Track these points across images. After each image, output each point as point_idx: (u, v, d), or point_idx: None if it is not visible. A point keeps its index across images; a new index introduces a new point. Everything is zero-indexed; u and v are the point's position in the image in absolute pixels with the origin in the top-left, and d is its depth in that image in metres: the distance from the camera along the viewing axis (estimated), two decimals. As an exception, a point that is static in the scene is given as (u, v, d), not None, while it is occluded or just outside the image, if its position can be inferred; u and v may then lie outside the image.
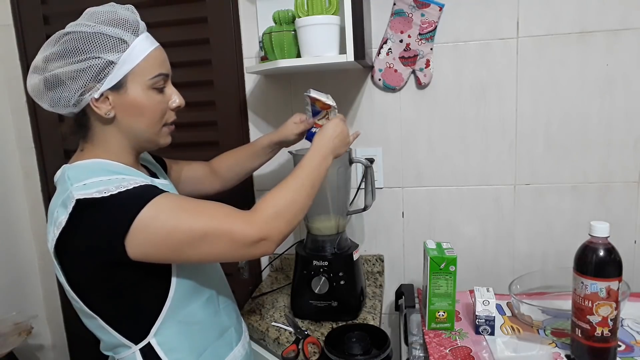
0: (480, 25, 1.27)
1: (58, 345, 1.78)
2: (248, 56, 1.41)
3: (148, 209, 0.72)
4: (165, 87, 0.84)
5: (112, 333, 0.80)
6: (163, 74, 0.82)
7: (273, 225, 0.80)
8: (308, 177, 0.88)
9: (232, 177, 1.19)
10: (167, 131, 0.87)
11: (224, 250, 0.77)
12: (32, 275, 1.72)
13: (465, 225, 1.38)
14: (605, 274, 0.85)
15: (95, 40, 0.76)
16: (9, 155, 1.63)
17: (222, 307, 0.94)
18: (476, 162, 1.34)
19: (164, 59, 0.84)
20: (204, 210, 0.77)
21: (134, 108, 0.80)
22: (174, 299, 0.81)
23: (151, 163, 1.02)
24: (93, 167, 0.80)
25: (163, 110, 0.84)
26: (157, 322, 0.81)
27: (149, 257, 0.74)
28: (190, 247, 0.75)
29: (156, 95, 0.82)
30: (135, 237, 0.71)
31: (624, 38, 1.21)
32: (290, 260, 1.49)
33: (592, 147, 1.28)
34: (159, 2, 1.40)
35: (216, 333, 0.91)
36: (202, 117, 1.46)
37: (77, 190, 0.73)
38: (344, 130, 0.98)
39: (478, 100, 1.31)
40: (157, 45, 0.82)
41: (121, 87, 0.78)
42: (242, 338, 0.98)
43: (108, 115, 0.79)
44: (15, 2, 1.52)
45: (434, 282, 1.06)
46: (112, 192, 0.72)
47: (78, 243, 0.73)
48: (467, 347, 1.00)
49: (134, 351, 0.81)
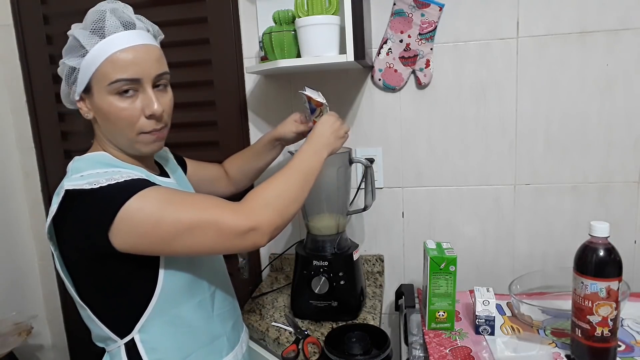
0: (480, 25, 1.27)
1: (58, 345, 1.78)
2: (248, 56, 1.41)
3: (134, 201, 0.72)
4: (140, 92, 0.78)
5: (100, 326, 0.81)
6: (124, 79, 0.76)
7: (262, 214, 0.78)
8: (299, 169, 0.87)
9: (242, 179, 1.20)
10: (147, 139, 0.81)
11: (212, 242, 0.76)
12: (32, 275, 1.72)
13: (465, 225, 1.38)
14: (605, 274, 0.85)
15: (69, 44, 0.79)
16: (9, 155, 1.63)
17: (216, 313, 0.92)
18: (476, 162, 1.34)
19: (135, 62, 0.76)
20: (191, 202, 0.77)
21: (101, 113, 0.79)
22: (162, 296, 0.80)
23: (167, 160, 1.01)
24: (95, 159, 0.81)
25: (130, 117, 0.78)
26: (142, 318, 0.80)
27: (136, 249, 0.74)
28: (177, 239, 0.74)
29: (120, 102, 0.77)
30: (120, 228, 0.71)
31: (624, 38, 1.21)
32: (290, 260, 1.49)
33: (592, 147, 1.28)
34: (159, 2, 1.40)
35: (205, 339, 0.89)
36: (202, 117, 1.46)
37: (70, 181, 0.75)
38: (337, 125, 0.97)
39: (478, 100, 1.31)
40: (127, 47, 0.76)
41: (89, 90, 0.79)
42: (235, 349, 0.95)
43: (87, 116, 0.82)
44: (15, 2, 1.52)
45: (434, 282, 1.06)
46: (101, 184, 0.73)
47: (67, 232, 0.75)
48: (467, 347, 1.00)
49: (119, 345, 0.82)
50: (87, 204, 0.73)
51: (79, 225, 0.73)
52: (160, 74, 0.81)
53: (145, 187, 0.74)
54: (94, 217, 0.72)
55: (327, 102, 1.03)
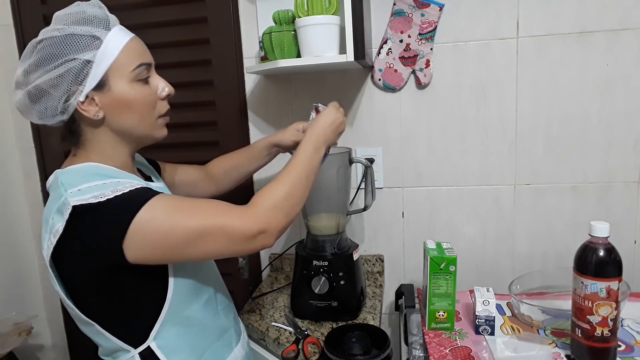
0: (480, 25, 1.27)
1: (58, 345, 1.78)
2: (248, 56, 1.41)
3: (144, 212, 0.71)
4: (150, 78, 0.82)
5: (111, 338, 0.80)
6: (145, 63, 0.79)
7: (271, 217, 0.79)
8: (303, 169, 0.87)
9: (228, 182, 1.18)
10: (162, 123, 0.85)
11: (223, 246, 0.76)
12: (32, 275, 1.72)
13: (465, 225, 1.38)
14: (605, 274, 0.85)
15: (67, 42, 0.74)
16: (9, 155, 1.63)
17: (220, 308, 0.93)
18: (476, 162, 1.34)
19: (143, 49, 0.81)
20: (199, 209, 0.77)
21: (122, 104, 0.78)
22: (173, 301, 0.80)
23: (145, 166, 1.01)
24: (86, 171, 0.78)
25: (152, 101, 0.82)
26: (156, 325, 0.80)
27: (148, 259, 0.74)
28: (189, 246, 0.75)
29: (142, 87, 0.80)
30: (132, 241, 0.71)
31: (624, 38, 1.21)
32: (290, 260, 1.49)
33: (592, 147, 1.28)
34: (159, 2, 1.40)
35: (216, 334, 0.90)
36: (202, 117, 1.46)
37: (73, 196, 0.72)
38: (337, 118, 0.96)
39: (478, 100, 1.31)
40: (132, 36, 0.80)
41: (104, 85, 0.76)
42: (241, 338, 0.98)
43: (97, 116, 0.77)
44: (15, 2, 1.52)
45: (434, 282, 1.06)
46: (108, 196, 0.72)
47: (76, 249, 0.72)
48: (467, 347, 1.00)
49: (132, 355, 0.81)
50: (97, 219, 0.71)
51: (90, 240, 0.71)
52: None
53: (151, 197, 0.74)
54: (106, 231, 0.71)
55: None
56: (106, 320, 0.79)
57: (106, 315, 0.79)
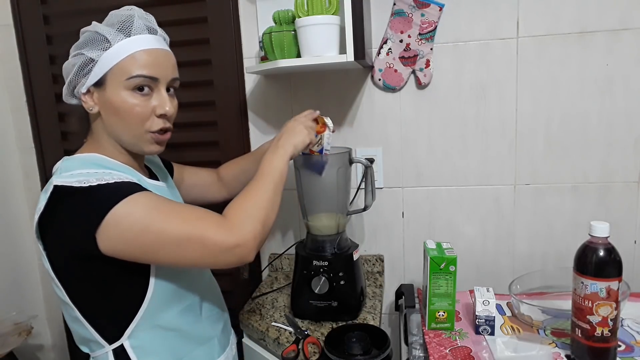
0: (480, 25, 1.27)
1: (58, 345, 1.78)
2: (248, 56, 1.41)
3: (122, 205, 0.71)
4: (155, 92, 0.82)
5: (87, 327, 0.80)
6: (145, 75, 0.79)
7: (247, 229, 0.77)
8: (272, 177, 0.86)
9: (238, 186, 1.18)
10: (150, 139, 0.84)
11: (198, 256, 0.75)
12: (32, 275, 1.72)
13: (465, 225, 1.38)
14: (605, 274, 0.85)
15: (88, 38, 0.80)
16: (9, 155, 1.63)
17: (205, 316, 0.92)
18: (476, 162, 1.34)
19: (156, 62, 0.81)
20: (180, 214, 0.76)
21: (112, 107, 0.81)
22: (152, 302, 0.80)
23: (156, 165, 1.02)
24: (87, 160, 0.81)
25: (143, 114, 0.81)
26: (132, 324, 0.80)
27: (120, 254, 0.73)
28: (162, 249, 0.74)
29: (134, 98, 0.80)
30: (106, 232, 0.71)
31: (624, 38, 1.21)
32: (290, 260, 1.49)
33: (592, 147, 1.28)
34: (159, 2, 1.40)
35: (195, 342, 0.89)
36: (202, 117, 1.46)
37: (59, 178, 0.74)
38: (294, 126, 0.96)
39: (478, 100, 1.31)
40: (148, 48, 0.80)
41: (102, 84, 0.80)
42: (226, 351, 0.97)
43: (91, 110, 0.82)
44: (15, 2, 1.52)
45: (434, 282, 1.06)
46: (91, 183, 0.73)
47: (54, 229, 0.74)
48: (467, 347, 1.00)
49: (107, 351, 0.81)
50: (76, 203, 0.72)
51: (66, 223, 0.72)
52: (175, 78, 0.86)
53: (135, 192, 0.74)
54: (82, 217, 0.71)
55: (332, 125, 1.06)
56: (85, 306, 0.79)
57: (85, 301, 0.79)
